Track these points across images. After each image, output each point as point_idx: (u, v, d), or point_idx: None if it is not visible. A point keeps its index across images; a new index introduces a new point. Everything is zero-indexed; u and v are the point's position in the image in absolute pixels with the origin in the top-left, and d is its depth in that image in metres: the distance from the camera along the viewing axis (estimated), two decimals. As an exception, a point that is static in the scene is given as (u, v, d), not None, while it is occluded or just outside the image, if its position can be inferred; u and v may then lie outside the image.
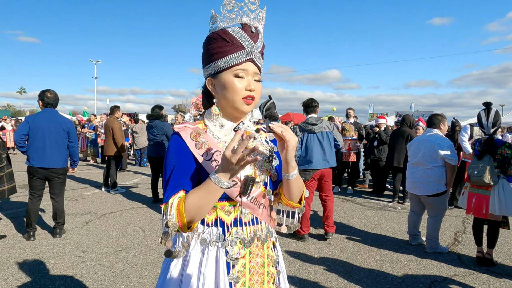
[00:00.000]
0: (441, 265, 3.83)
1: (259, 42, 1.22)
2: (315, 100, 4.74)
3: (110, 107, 7.83)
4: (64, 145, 4.42)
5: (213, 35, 1.21)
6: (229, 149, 1.03)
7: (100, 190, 7.46)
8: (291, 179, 1.25)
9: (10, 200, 6.23)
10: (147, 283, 3.27)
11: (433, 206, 4.23)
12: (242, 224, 1.23)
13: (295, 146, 1.18)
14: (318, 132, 4.54)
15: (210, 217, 1.22)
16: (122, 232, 4.72)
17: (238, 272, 1.20)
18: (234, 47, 1.17)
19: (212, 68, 1.22)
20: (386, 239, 4.70)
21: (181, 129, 1.24)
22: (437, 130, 4.31)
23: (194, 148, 1.19)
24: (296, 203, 1.34)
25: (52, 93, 4.39)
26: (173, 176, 1.17)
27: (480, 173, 3.57)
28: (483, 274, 3.61)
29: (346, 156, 7.78)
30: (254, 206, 1.25)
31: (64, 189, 4.56)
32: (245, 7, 1.20)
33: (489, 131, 3.73)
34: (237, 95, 1.18)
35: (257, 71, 1.22)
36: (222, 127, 1.26)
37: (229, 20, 1.20)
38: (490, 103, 3.73)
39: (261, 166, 1.28)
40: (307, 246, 4.32)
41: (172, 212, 1.09)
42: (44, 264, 3.62)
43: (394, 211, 6.24)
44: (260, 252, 1.27)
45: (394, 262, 3.90)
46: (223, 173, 1.06)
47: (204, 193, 1.09)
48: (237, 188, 1.17)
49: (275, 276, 1.32)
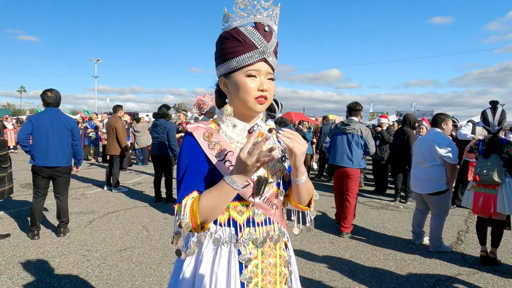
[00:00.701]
0: (445, 264, 3.84)
1: (273, 41, 1.20)
2: (359, 104, 4.99)
3: (113, 106, 7.80)
4: (68, 143, 4.42)
5: (226, 34, 1.20)
6: (244, 151, 1.03)
7: (102, 189, 7.46)
8: (300, 184, 1.26)
9: (13, 199, 6.23)
10: (152, 282, 3.28)
11: (435, 204, 4.24)
12: (255, 224, 1.23)
13: (303, 154, 1.18)
14: (349, 133, 4.79)
15: (222, 217, 1.22)
16: (126, 231, 4.73)
17: (250, 272, 1.20)
18: (247, 47, 1.16)
19: (225, 68, 1.21)
20: (389, 238, 4.71)
21: (194, 129, 1.23)
22: (439, 129, 4.32)
23: (207, 149, 1.19)
24: (305, 206, 1.34)
25: (53, 92, 4.39)
26: (186, 176, 1.17)
27: (489, 172, 3.57)
28: (487, 273, 3.62)
29: None
30: (266, 206, 1.25)
31: (68, 188, 4.57)
32: (258, 5, 1.18)
33: (494, 129, 3.73)
34: (249, 95, 1.17)
35: (270, 71, 1.21)
36: (234, 127, 1.25)
37: (242, 19, 1.18)
38: (496, 101, 3.72)
39: (274, 167, 1.29)
40: (310, 245, 4.33)
41: (185, 213, 1.10)
42: (49, 263, 3.63)
43: (397, 210, 6.24)
44: (272, 252, 1.27)
45: (398, 261, 3.91)
46: (237, 175, 1.07)
47: (218, 194, 1.09)
48: (250, 188, 1.17)
49: (287, 276, 1.32)
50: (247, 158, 1.02)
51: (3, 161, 4.15)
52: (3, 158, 4.13)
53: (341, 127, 4.90)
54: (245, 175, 1.07)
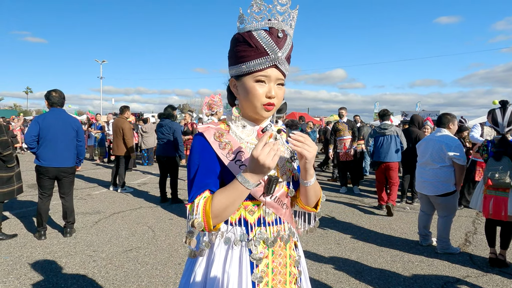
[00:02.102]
0: (453, 266, 3.80)
1: (286, 47, 1.18)
2: (388, 110, 6.47)
3: (120, 107, 7.80)
4: (73, 144, 4.44)
5: (239, 36, 1.19)
6: (257, 149, 1.04)
7: (108, 190, 7.49)
8: (308, 186, 1.26)
9: (19, 199, 6.28)
10: (159, 283, 3.27)
11: (442, 206, 4.20)
12: (266, 224, 1.24)
13: (313, 157, 1.18)
14: (388, 135, 6.12)
15: (234, 217, 1.23)
16: (132, 231, 4.74)
17: (261, 272, 1.20)
18: (258, 53, 1.15)
19: (236, 70, 1.21)
20: (396, 239, 4.67)
21: (205, 129, 1.24)
22: (446, 130, 4.28)
23: (218, 149, 1.20)
24: (312, 208, 1.34)
25: (58, 92, 4.41)
26: (198, 176, 1.17)
27: (502, 176, 3.50)
28: (496, 275, 3.58)
29: (344, 156, 7.67)
30: (277, 206, 1.25)
31: (73, 188, 4.59)
32: (273, 9, 1.15)
33: (503, 130, 3.66)
34: (257, 101, 1.17)
35: (281, 76, 1.19)
36: (244, 127, 1.27)
37: (256, 22, 1.16)
38: (506, 101, 3.65)
39: (284, 166, 1.29)
40: (317, 246, 4.31)
41: (198, 212, 1.10)
42: (55, 263, 3.64)
43: (403, 211, 6.20)
44: (282, 252, 1.27)
45: (405, 263, 3.88)
46: (250, 174, 1.08)
47: (231, 194, 1.10)
48: (261, 187, 1.18)
49: (297, 276, 1.32)
50: (260, 154, 1.03)
51: (8, 160, 4.17)
52: (7, 158, 4.15)
53: (380, 131, 6.20)
54: (258, 175, 1.08)
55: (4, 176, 4.18)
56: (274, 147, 1.05)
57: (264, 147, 1.05)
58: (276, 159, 1.06)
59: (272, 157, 1.05)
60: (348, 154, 7.61)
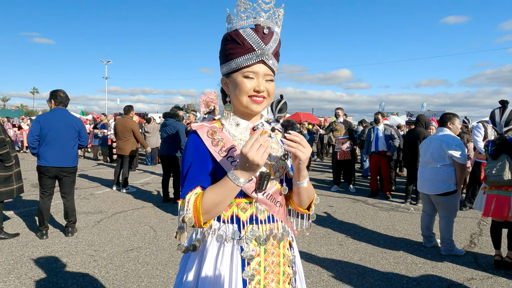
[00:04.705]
0: (457, 268, 3.74)
1: (272, 43, 1.22)
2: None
3: (125, 107, 7.69)
4: (75, 144, 4.44)
5: (227, 35, 1.23)
6: (246, 146, 1.05)
7: (111, 189, 7.50)
8: (301, 187, 1.26)
9: (22, 198, 6.30)
10: (159, 283, 3.25)
11: (443, 206, 4.14)
12: (258, 222, 1.23)
13: (306, 158, 1.18)
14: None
15: (226, 214, 1.23)
16: (133, 231, 4.73)
17: (253, 270, 1.19)
18: (245, 49, 1.18)
19: (226, 68, 1.25)
20: (399, 240, 4.61)
21: (198, 127, 1.26)
22: (447, 129, 4.23)
23: (210, 146, 1.21)
24: (304, 209, 1.34)
25: (63, 92, 4.42)
26: (190, 172, 1.18)
27: (499, 172, 3.46)
28: (501, 278, 3.51)
29: (341, 155, 7.70)
30: (270, 203, 1.24)
31: (74, 187, 4.59)
32: (258, 7, 1.19)
33: (501, 129, 3.66)
34: (245, 95, 1.20)
35: (269, 72, 1.22)
36: (237, 125, 1.28)
37: (242, 21, 1.20)
38: (506, 101, 3.65)
39: (276, 164, 1.28)
40: (319, 247, 4.26)
41: (188, 208, 1.11)
42: (56, 263, 3.64)
43: (407, 212, 6.13)
44: (276, 251, 1.26)
45: (408, 265, 3.82)
46: (241, 171, 1.09)
47: (222, 191, 1.11)
48: (253, 183, 1.19)
49: (291, 276, 1.30)
50: (248, 151, 1.04)
51: (5, 160, 4.14)
52: (4, 157, 4.11)
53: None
54: (248, 172, 1.09)
55: (1, 176, 4.16)
56: (264, 144, 1.05)
57: (254, 144, 1.05)
58: (265, 156, 1.06)
59: (262, 154, 1.05)
60: (346, 153, 7.66)
